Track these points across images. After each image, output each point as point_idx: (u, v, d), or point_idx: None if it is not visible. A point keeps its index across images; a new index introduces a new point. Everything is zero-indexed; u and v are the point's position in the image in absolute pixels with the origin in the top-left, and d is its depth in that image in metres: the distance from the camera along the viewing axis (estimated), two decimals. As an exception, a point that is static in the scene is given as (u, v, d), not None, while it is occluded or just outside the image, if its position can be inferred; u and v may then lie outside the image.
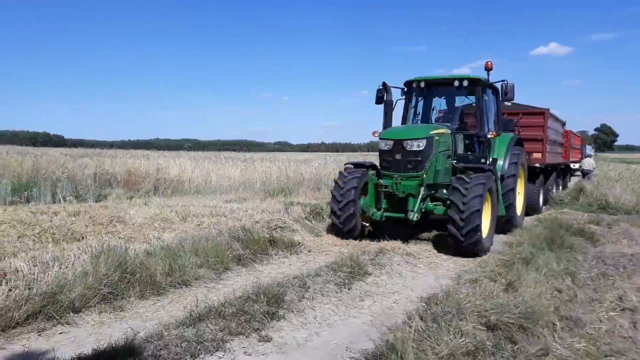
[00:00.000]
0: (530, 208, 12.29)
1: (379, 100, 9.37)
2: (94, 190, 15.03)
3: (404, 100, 9.88)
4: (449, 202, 7.72)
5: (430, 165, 8.09)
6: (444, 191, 8.28)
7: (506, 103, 11.79)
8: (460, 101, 9.88)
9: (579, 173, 24.45)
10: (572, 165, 21.90)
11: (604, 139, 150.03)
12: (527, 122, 12.60)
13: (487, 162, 8.90)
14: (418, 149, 8.03)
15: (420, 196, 7.95)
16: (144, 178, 17.42)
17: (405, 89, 9.77)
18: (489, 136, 9.06)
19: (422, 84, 9.36)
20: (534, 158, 12.62)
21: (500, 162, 9.36)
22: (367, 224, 8.84)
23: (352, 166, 9.11)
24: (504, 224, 9.51)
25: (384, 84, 9.15)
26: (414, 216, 7.85)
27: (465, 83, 8.87)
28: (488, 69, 9.23)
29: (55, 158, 22.24)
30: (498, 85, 9.38)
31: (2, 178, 14.46)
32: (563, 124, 16.47)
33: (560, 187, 18.55)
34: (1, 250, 6.46)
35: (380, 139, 8.55)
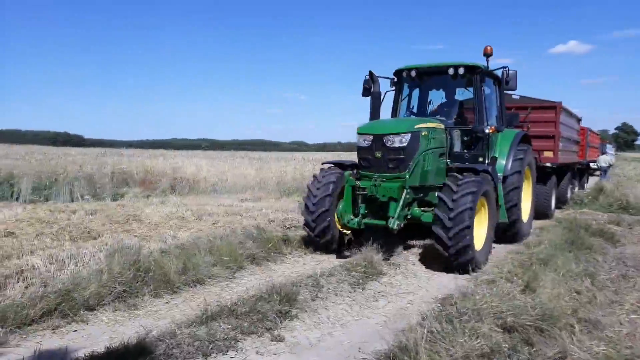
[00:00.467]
0: (541, 212, 11.37)
1: (365, 92, 8.34)
2: (111, 189, 15.21)
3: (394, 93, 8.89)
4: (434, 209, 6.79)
5: (417, 164, 7.02)
6: (437, 194, 7.04)
7: (514, 96, 10.85)
8: (460, 93, 8.76)
9: (598, 173, 23.62)
10: (592, 165, 21.30)
11: (625, 138, 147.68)
12: (537, 117, 11.38)
13: (486, 161, 8.05)
14: (400, 146, 6.94)
15: (402, 200, 6.73)
16: (160, 177, 17.58)
17: (395, 79, 8.79)
18: (486, 131, 7.93)
19: (413, 73, 8.30)
20: (544, 157, 11.38)
21: (502, 162, 8.30)
22: (348, 232, 7.65)
23: (331, 165, 8.00)
24: (507, 233, 8.50)
25: (370, 73, 8.09)
26: (394, 224, 6.53)
27: (461, 71, 7.81)
28: (487, 54, 8.03)
29: (74, 157, 22.53)
30: (499, 73, 8.29)
31: (22, 177, 14.67)
32: (579, 120, 15.28)
33: (577, 189, 17.17)
34: (19, 248, 6.53)
35: (357, 134, 7.39)
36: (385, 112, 8.82)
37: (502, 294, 5.03)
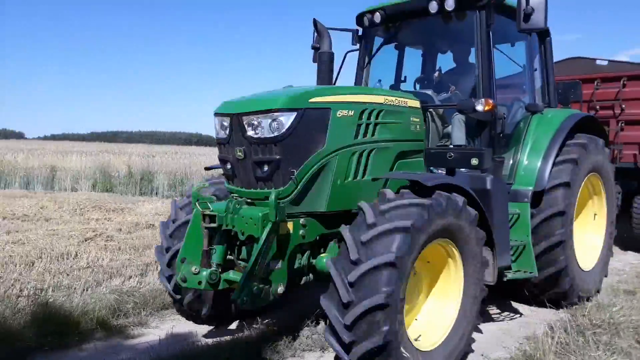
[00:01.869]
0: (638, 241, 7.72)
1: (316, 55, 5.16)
2: (238, 186, 16.17)
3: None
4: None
5: (321, 171, 3.74)
6: (341, 228, 3.48)
7: (599, 62, 7.78)
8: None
9: None
10: None
11: None
12: (635, 92, 7.39)
13: (484, 161, 4.19)
14: (271, 136, 3.63)
15: (262, 242, 3.42)
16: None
17: (360, 32, 5.47)
18: (478, 109, 4.35)
19: (378, 17, 5.00)
20: None
21: (533, 165, 4.85)
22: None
23: (219, 174, 4.85)
24: (546, 294, 4.97)
25: (315, 23, 4.84)
26: (239, 295, 3.44)
27: (451, 4, 4.48)
28: None
29: (205, 156, 24.27)
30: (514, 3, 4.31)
31: (159, 174, 16.14)
32: None
33: None
34: (156, 239, 7.17)
35: (214, 115, 4.07)
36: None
37: (644, 307, 4.56)
